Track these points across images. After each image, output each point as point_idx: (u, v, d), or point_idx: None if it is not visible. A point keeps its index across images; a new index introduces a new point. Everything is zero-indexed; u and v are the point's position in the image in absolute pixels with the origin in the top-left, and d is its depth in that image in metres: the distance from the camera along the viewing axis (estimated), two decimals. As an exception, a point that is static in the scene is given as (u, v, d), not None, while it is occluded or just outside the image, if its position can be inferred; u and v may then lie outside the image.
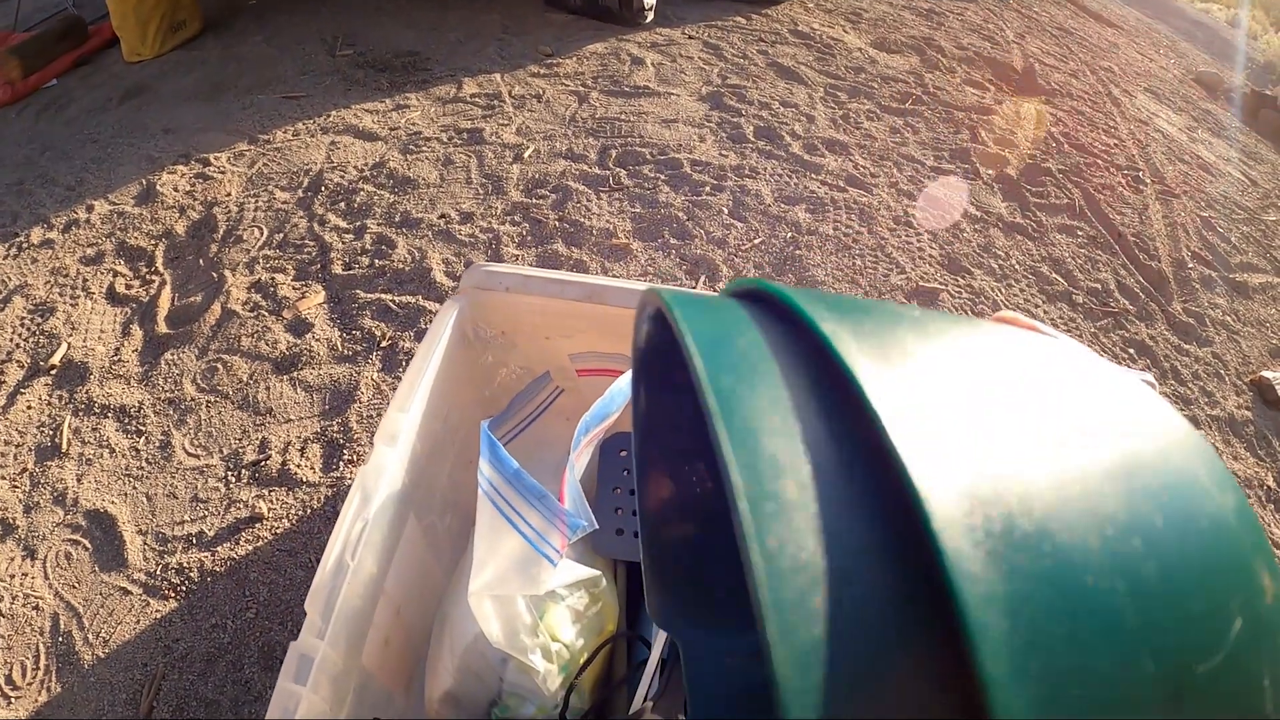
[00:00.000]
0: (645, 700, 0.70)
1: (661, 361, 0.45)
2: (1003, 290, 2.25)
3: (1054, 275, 2.37)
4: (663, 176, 2.32)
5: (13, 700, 1.17)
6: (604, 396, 0.73)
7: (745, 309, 0.31)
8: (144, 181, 2.25)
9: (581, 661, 0.72)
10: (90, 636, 1.24)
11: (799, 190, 2.36)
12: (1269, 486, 1.95)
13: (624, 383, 0.80)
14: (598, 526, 0.68)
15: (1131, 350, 2.21)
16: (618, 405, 0.74)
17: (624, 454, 0.90)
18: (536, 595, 0.70)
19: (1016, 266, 2.36)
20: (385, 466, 0.77)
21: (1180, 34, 5.73)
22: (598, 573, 0.75)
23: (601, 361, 0.94)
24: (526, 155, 2.38)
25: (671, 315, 0.29)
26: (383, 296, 1.81)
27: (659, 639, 0.74)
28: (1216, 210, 3.11)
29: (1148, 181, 3.10)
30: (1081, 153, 3.14)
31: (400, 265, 1.91)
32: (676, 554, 0.49)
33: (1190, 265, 2.67)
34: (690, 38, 3.31)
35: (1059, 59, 4.07)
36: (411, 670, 0.83)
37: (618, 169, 2.35)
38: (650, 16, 3.38)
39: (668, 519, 0.48)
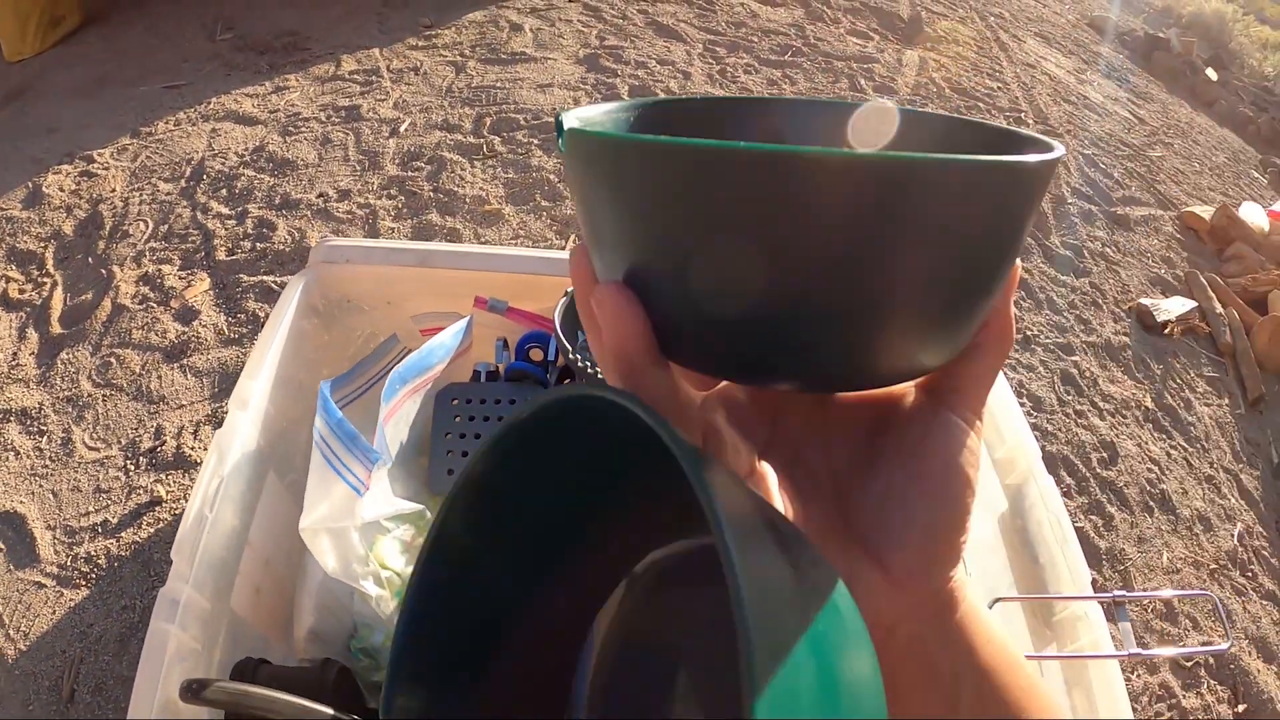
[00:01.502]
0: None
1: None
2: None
3: (928, 215, 2.48)
4: (536, 141, 2.39)
5: (-60, 700, 1.23)
6: (421, 349, 0.82)
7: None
8: (30, 184, 2.25)
9: (413, 585, 0.81)
10: (11, 632, 1.29)
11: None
12: (1147, 407, 2.08)
13: (444, 337, 0.89)
14: (392, 461, 0.78)
15: (1005, 282, 2.32)
16: (438, 358, 0.83)
17: (455, 403, 0.99)
18: (365, 529, 0.79)
19: (890, 209, 2.47)
20: (238, 428, 0.85)
21: (1077, -23, 5.83)
22: (420, 507, 0.85)
23: (440, 321, 1.02)
24: (403, 129, 2.43)
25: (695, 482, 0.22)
26: (265, 278, 1.87)
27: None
28: (1100, 148, 3.23)
29: (1030, 123, 3.22)
30: (963, 96, 3.24)
31: (281, 247, 1.97)
32: None
33: (1070, 200, 2.78)
34: (570, 1, 3.35)
35: (948, 6, 4.15)
36: (286, 618, 0.91)
37: (492, 136, 2.41)
38: (530, -17, 3.41)
39: None
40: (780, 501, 0.36)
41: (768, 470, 0.37)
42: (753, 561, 0.21)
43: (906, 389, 0.39)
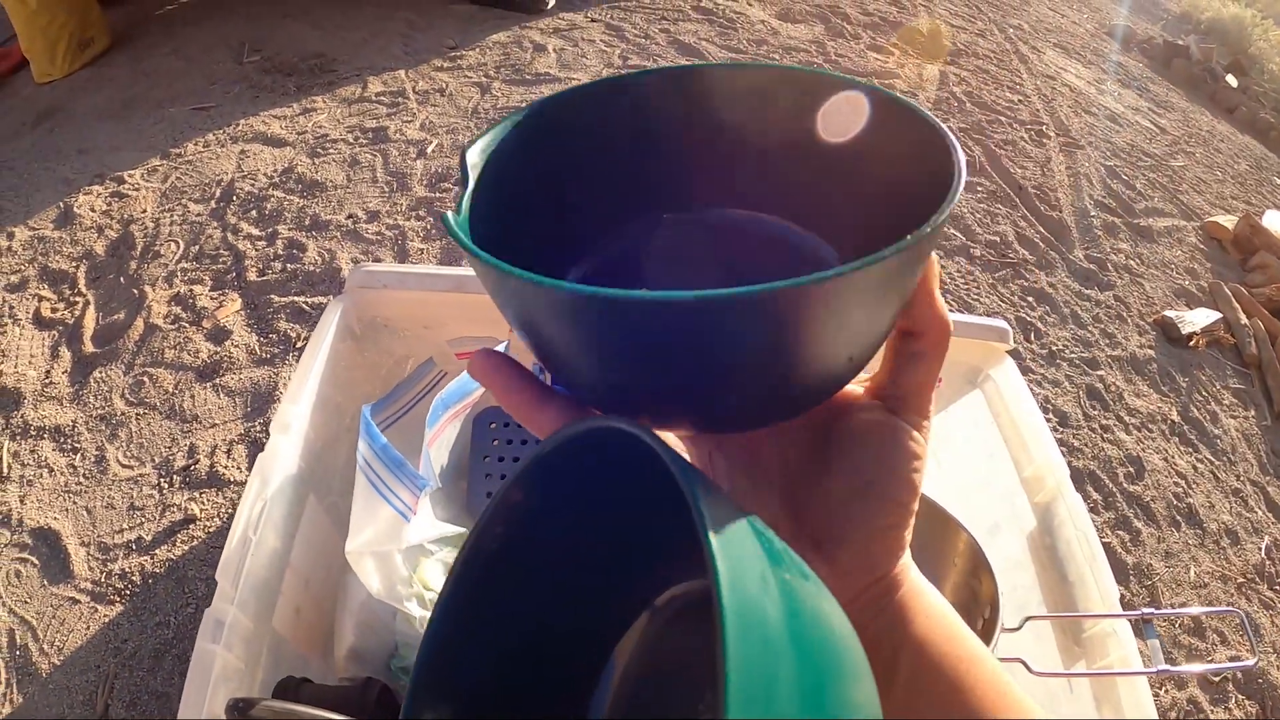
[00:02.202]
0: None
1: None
2: (899, 247, 2.35)
3: (951, 230, 2.47)
4: (563, 162, 2.41)
5: (-24, 713, 1.26)
6: (461, 376, 0.84)
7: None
8: (62, 205, 2.29)
9: (456, 607, 0.83)
10: (45, 646, 1.32)
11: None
12: (1173, 420, 2.08)
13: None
14: (439, 486, 0.80)
15: (1030, 299, 2.31)
16: (477, 383, 0.84)
17: (493, 426, 1.01)
18: (408, 551, 0.81)
19: (912, 225, 2.46)
20: (280, 452, 0.87)
21: (1094, -13, 5.82)
22: (463, 529, 0.87)
23: (475, 345, 1.04)
24: (430, 150, 2.46)
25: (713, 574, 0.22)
26: (296, 299, 1.90)
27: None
28: (1122, 159, 3.23)
29: (1051, 135, 3.21)
30: (984, 110, 3.24)
31: (311, 267, 1.99)
32: None
33: (1093, 213, 2.78)
34: (593, 21, 3.38)
35: (967, 19, 4.16)
36: (325, 637, 0.93)
37: (520, 157, 2.43)
38: (553, 2, 3.45)
39: None
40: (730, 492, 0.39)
41: (719, 464, 0.40)
42: (743, 595, 0.22)
43: (857, 392, 0.42)
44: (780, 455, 0.42)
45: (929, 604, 0.40)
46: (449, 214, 0.34)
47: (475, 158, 0.37)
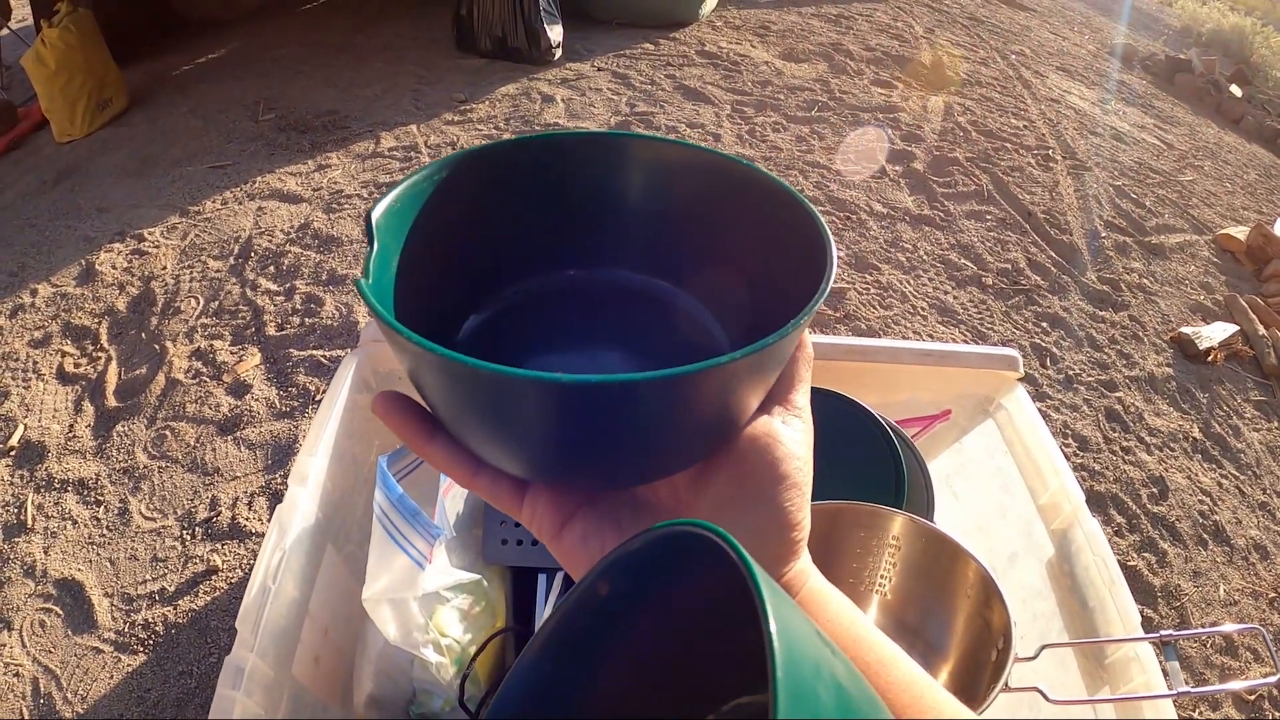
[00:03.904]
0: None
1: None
2: (911, 282, 2.36)
3: (963, 261, 2.48)
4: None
5: (1, 763, 1.27)
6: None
7: None
8: (83, 262, 2.34)
9: (471, 654, 0.84)
10: (69, 695, 1.33)
11: (707, 204, 2.47)
12: (1195, 437, 2.06)
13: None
14: (453, 534, 0.81)
15: (1044, 324, 2.30)
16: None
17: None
18: (423, 598, 0.82)
19: (925, 257, 2.47)
20: (298, 503, 0.88)
21: (1095, 8, 5.84)
22: (477, 576, 0.88)
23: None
24: (444, 201, 2.49)
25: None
26: (314, 353, 1.92)
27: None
28: (1130, 177, 3.22)
29: (1058, 158, 3.22)
30: (990, 138, 3.26)
31: (329, 321, 2.02)
32: None
33: (1104, 234, 2.78)
34: (599, 70, 3.43)
35: (969, 49, 4.19)
36: (344, 684, 0.94)
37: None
38: (559, 53, 3.50)
39: None
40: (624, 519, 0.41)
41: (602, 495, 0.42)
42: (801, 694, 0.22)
43: None
44: (669, 480, 0.43)
45: (834, 609, 0.40)
46: (360, 279, 0.36)
47: (379, 216, 0.40)
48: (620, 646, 0.36)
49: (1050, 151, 3.25)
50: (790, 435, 0.39)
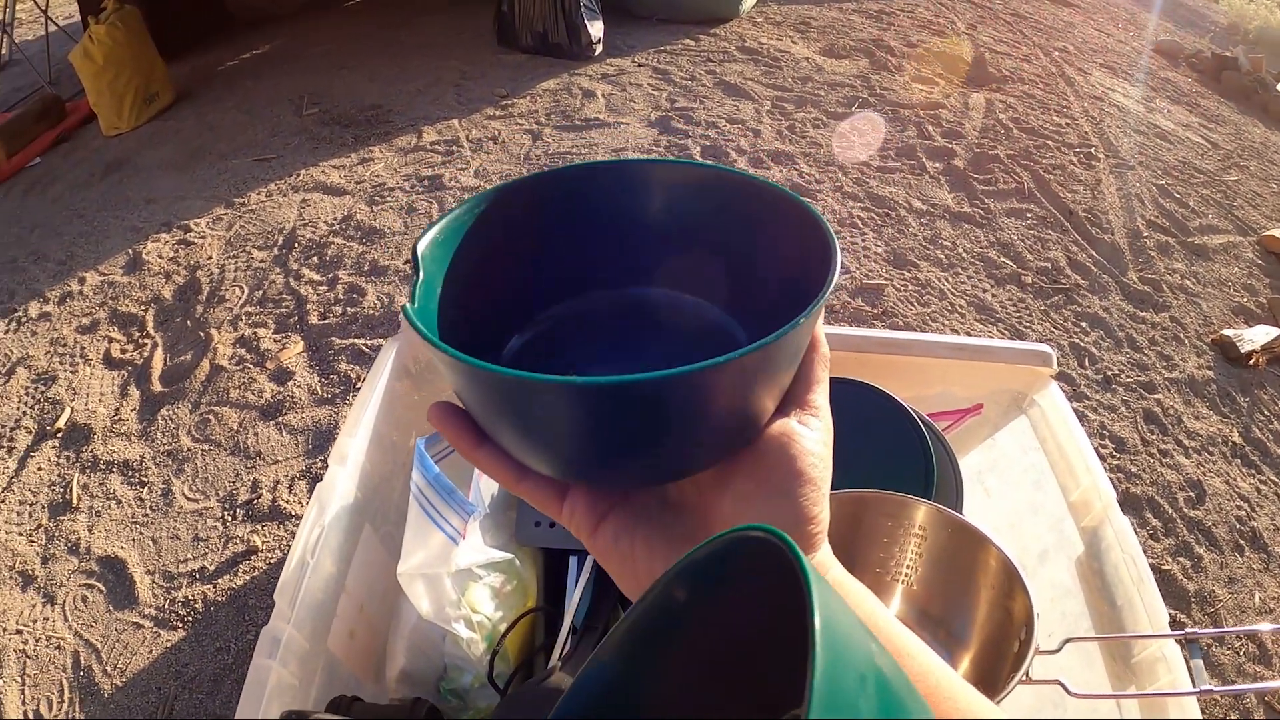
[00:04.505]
0: (558, 660, 0.84)
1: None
2: (950, 279, 2.34)
3: (1002, 259, 2.45)
4: (614, 206, 2.45)
5: (42, 732, 1.31)
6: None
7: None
8: (130, 251, 2.39)
9: (501, 631, 0.86)
10: (109, 669, 1.37)
11: (745, 202, 2.47)
12: (1234, 442, 2.03)
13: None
14: (487, 511, 0.83)
15: (1084, 324, 2.27)
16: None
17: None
18: (457, 574, 0.83)
19: (964, 255, 2.45)
20: (336, 483, 0.91)
21: (1140, 4, 5.72)
22: (510, 555, 0.89)
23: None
24: (484, 196, 2.52)
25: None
26: (356, 341, 1.96)
27: (570, 610, 0.88)
28: (1174, 177, 3.17)
29: (1101, 156, 3.17)
30: (1031, 136, 3.22)
31: (371, 311, 2.06)
32: None
33: (1146, 234, 2.73)
34: (639, 65, 3.44)
35: (1011, 45, 4.13)
36: (377, 659, 0.96)
37: (570, 201, 2.48)
38: (600, 49, 3.52)
39: None
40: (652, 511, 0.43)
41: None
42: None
43: None
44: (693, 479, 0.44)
45: (854, 600, 0.41)
46: (406, 305, 0.39)
47: (424, 248, 0.43)
48: (687, 652, 0.37)
49: (1093, 149, 3.20)
50: (807, 434, 0.41)
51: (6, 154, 3.00)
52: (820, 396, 0.43)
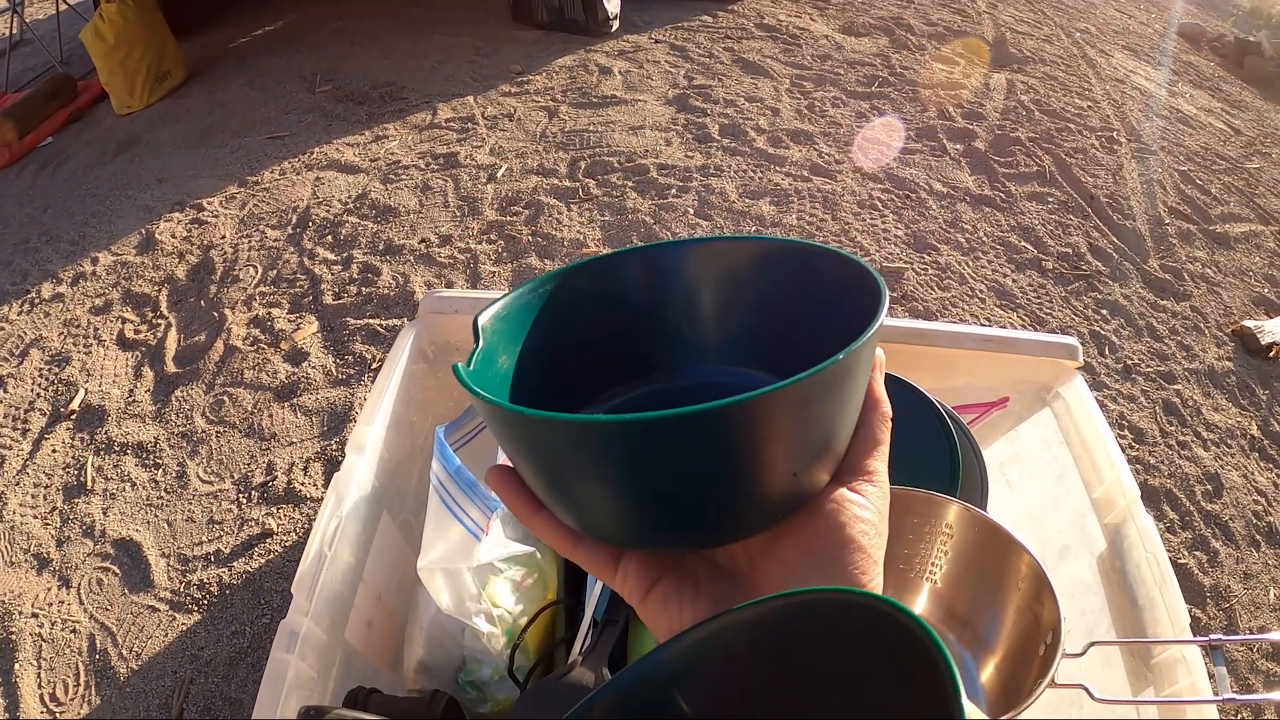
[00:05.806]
0: (578, 655, 0.83)
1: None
2: (970, 263, 2.32)
3: (1023, 243, 2.43)
4: (630, 183, 2.44)
5: (57, 715, 1.31)
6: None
7: None
8: (143, 231, 2.38)
9: (522, 625, 0.85)
10: (124, 651, 1.37)
11: (763, 184, 2.45)
12: (1253, 435, 2.01)
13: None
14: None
15: (1104, 312, 2.25)
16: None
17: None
18: (477, 568, 0.83)
19: (984, 238, 2.42)
20: (354, 472, 0.90)
21: (1163, -14, 5.66)
22: (531, 549, 0.89)
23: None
24: (500, 174, 2.51)
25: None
26: (371, 321, 1.95)
27: (591, 604, 0.87)
28: (1196, 163, 3.13)
29: (1123, 141, 3.14)
30: (1053, 118, 3.18)
31: (386, 291, 2.05)
32: None
33: (1167, 221, 2.70)
34: (657, 42, 3.41)
35: (1032, 25, 4.08)
36: (396, 650, 0.96)
37: (587, 180, 2.46)
38: (616, 25, 3.48)
39: None
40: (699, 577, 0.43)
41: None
42: None
43: None
44: (744, 542, 0.44)
45: None
46: (458, 364, 0.40)
47: (486, 321, 0.44)
48: (758, 678, 0.36)
49: (1115, 133, 3.16)
50: (859, 500, 0.41)
51: (18, 134, 3.00)
52: (879, 461, 0.43)
